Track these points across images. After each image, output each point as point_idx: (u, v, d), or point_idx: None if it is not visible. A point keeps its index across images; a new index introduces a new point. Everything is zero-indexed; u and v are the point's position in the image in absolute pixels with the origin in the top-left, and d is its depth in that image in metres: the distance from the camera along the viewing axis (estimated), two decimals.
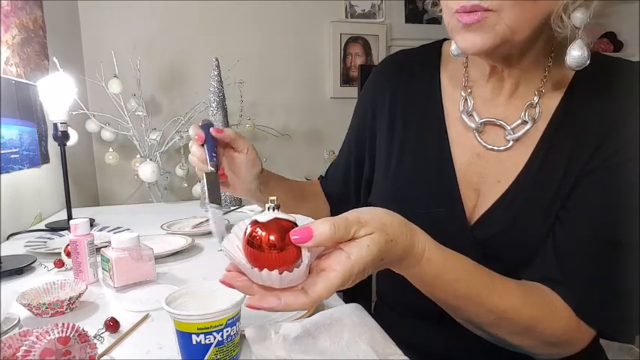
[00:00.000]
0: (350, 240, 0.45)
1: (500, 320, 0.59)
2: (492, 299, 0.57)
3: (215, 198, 0.70)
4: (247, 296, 0.46)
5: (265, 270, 0.42)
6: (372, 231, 0.46)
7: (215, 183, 0.71)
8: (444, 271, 0.54)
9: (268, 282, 0.43)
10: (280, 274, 0.42)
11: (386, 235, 0.47)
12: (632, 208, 0.58)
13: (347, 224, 0.45)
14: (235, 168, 0.77)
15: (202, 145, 0.73)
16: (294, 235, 0.42)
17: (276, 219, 0.43)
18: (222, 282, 0.46)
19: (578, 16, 0.56)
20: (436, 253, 0.53)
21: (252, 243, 0.42)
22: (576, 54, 0.58)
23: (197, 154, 0.74)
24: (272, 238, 0.42)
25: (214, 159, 0.72)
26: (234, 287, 0.46)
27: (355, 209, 0.48)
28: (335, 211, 0.89)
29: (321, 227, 0.43)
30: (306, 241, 0.42)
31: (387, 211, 0.50)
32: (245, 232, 0.44)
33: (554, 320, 0.60)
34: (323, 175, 0.97)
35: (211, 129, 0.73)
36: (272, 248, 0.42)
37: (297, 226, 0.43)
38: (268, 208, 0.44)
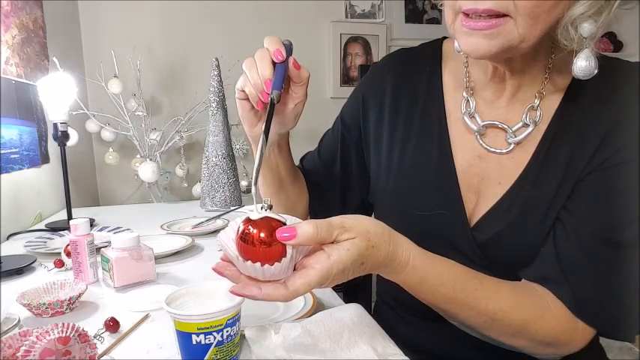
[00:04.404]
0: (332, 243, 0.49)
1: (491, 322, 0.59)
2: (481, 302, 0.58)
3: (266, 130, 0.56)
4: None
5: (249, 262, 0.46)
6: (355, 236, 0.49)
7: (271, 116, 0.57)
8: (428, 277, 0.56)
9: (253, 273, 0.48)
10: (262, 266, 0.46)
11: (368, 241, 0.50)
12: (632, 208, 0.58)
13: (329, 227, 0.48)
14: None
15: (274, 64, 0.60)
16: (279, 233, 0.46)
17: (267, 217, 0.47)
18: (214, 269, 0.50)
19: (586, 27, 0.55)
20: (421, 259, 0.55)
21: (243, 238, 0.47)
22: (583, 64, 0.57)
23: (265, 71, 0.59)
24: (260, 234, 0.46)
25: (282, 88, 0.58)
26: (223, 275, 0.50)
27: (341, 215, 0.51)
28: (314, 203, 0.86)
29: (305, 228, 0.47)
30: (290, 239, 0.46)
31: (372, 219, 0.53)
32: (239, 227, 0.48)
33: (548, 321, 0.60)
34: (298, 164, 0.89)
35: (292, 58, 0.61)
36: (260, 244, 0.46)
37: (285, 225, 0.48)
38: (262, 208, 0.48)
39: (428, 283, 0.56)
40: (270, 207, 0.49)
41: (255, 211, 0.48)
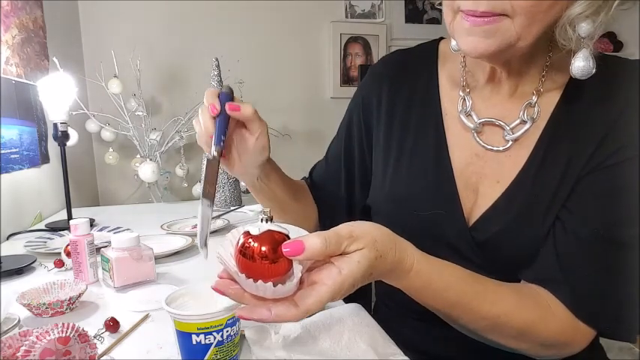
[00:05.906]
0: (341, 254, 0.47)
1: (494, 326, 0.59)
2: (484, 306, 0.58)
3: (208, 192, 0.59)
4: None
5: (260, 281, 0.43)
6: (363, 246, 0.47)
7: (214, 173, 0.60)
8: (432, 281, 0.55)
9: (261, 292, 0.44)
10: (274, 286, 0.43)
11: (376, 251, 0.48)
12: (632, 207, 0.58)
13: (338, 239, 0.46)
14: (241, 149, 0.67)
15: (214, 118, 0.62)
16: (285, 248, 0.43)
17: (269, 231, 0.44)
18: (215, 289, 0.47)
19: (584, 27, 0.55)
20: (424, 264, 0.54)
21: (244, 253, 0.44)
22: (581, 64, 0.57)
23: (207, 125, 0.63)
24: (264, 249, 0.43)
25: (222, 142, 0.61)
26: (225, 295, 0.47)
27: (346, 223, 0.49)
28: (324, 215, 0.87)
29: (313, 241, 0.44)
30: (298, 254, 0.43)
31: (377, 226, 0.51)
32: (238, 242, 0.45)
33: (550, 323, 0.60)
34: (306, 176, 0.91)
35: (227, 104, 0.62)
36: (264, 260, 0.43)
37: (289, 238, 0.44)
38: (261, 220, 0.45)
39: (431, 288, 0.55)
40: (271, 218, 0.46)
41: (255, 226, 0.45)
